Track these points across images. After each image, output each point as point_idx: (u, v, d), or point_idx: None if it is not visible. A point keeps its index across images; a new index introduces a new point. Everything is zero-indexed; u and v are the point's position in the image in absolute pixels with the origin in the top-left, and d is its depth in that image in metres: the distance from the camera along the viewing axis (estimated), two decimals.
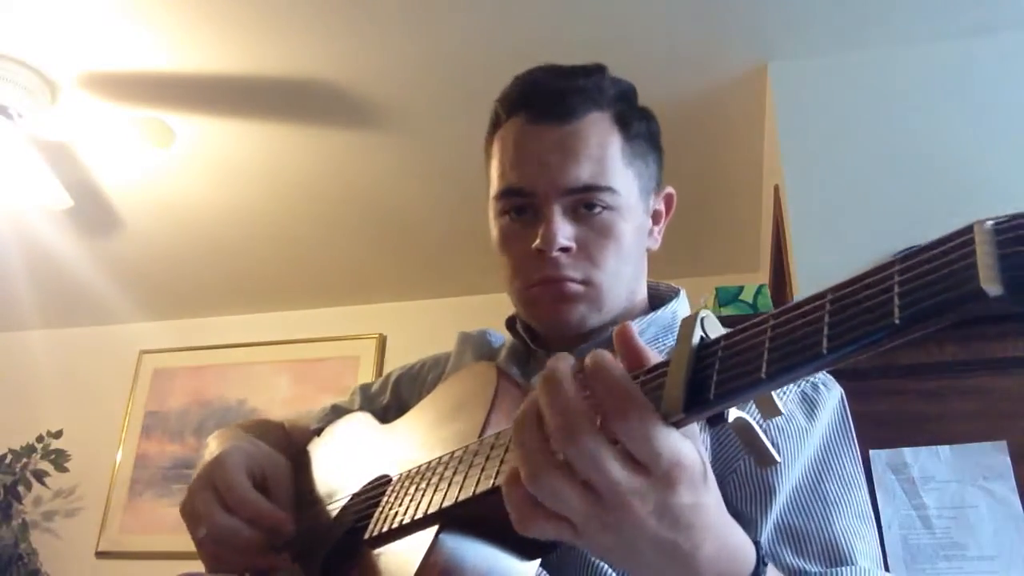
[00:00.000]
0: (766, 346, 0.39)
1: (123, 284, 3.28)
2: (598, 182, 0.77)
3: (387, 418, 0.91)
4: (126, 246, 3.00)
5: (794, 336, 0.38)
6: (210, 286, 3.31)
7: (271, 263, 3.13)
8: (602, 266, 0.78)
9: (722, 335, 0.43)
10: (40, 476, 3.12)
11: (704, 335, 0.43)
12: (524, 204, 0.80)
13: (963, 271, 0.32)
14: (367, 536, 0.65)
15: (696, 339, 0.43)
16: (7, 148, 2.15)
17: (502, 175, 0.81)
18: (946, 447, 1.44)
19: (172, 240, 2.96)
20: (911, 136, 1.91)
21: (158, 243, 2.98)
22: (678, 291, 0.90)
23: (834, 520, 0.67)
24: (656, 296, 0.90)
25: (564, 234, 0.76)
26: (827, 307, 0.37)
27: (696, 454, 0.43)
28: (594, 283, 0.78)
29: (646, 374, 0.45)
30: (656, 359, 0.45)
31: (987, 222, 0.33)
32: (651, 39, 1.98)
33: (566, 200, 0.77)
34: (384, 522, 0.63)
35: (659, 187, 0.88)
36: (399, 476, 0.68)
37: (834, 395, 0.76)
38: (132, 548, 3.12)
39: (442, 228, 2.81)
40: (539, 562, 0.57)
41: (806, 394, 0.75)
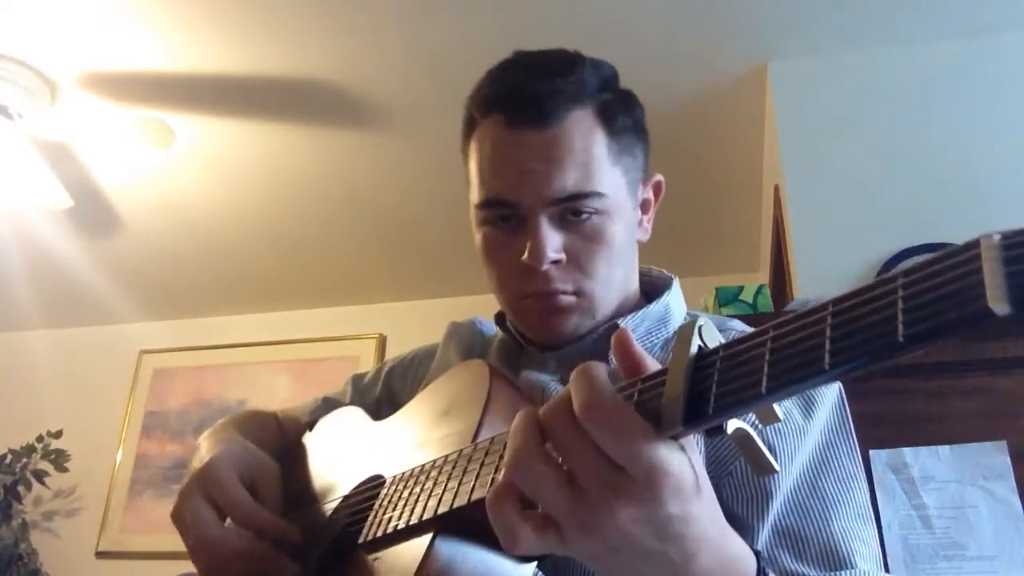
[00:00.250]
0: (766, 359, 0.38)
1: (123, 284, 3.28)
2: (585, 188, 0.74)
3: (379, 412, 0.90)
4: (126, 246, 3.00)
5: (795, 350, 0.37)
6: (210, 286, 3.31)
7: (271, 263, 3.13)
8: (593, 275, 0.76)
9: (720, 345, 0.42)
10: (40, 476, 3.12)
11: (702, 344, 0.43)
12: (508, 214, 0.76)
13: (970, 288, 0.31)
14: (361, 540, 0.65)
15: (694, 348, 0.42)
16: (7, 148, 2.15)
17: (483, 183, 0.78)
18: (946, 447, 1.44)
19: (172, 240, 2.96)
20: (911, 136, 1.91)
21: (158, 243, 2.98)
22: (671, 280, 0.88)
23: (833, 520, 0.66)
24: (649, 284, 0.89)
25: (553, 247, 0.74)
26: (828, 320, 0.37)
27: (685, 465, 0.42)
28: (586, 293, 0.77)
29: (644, 382, 0.44)
30: (654, 366, 0.45)
31: (994, 235, 0.32)
32: (651, 39, 1.98)
33: (553, 210, 0.74)
34: (378, 526, 0.63)
35: (647, 175, 0.85)
36: (392, 479, 0.67)
37: (832, 390, 0.75)
38: (132, 548, 3.12)
39: (442, 228, 2.81)
40: (535, 565, 0.56)
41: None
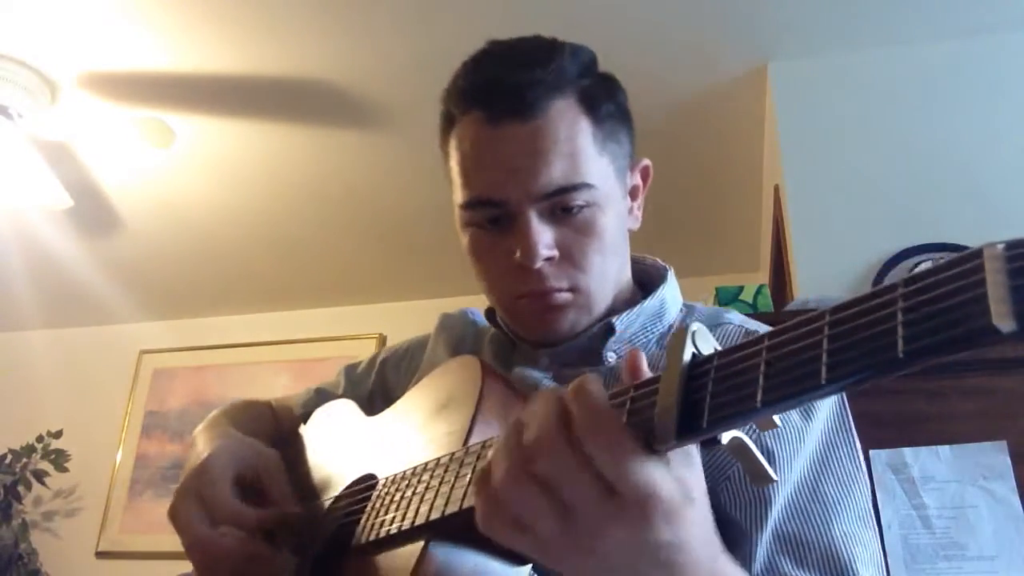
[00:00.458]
0: (761, 370, 0.37)
1: (123, 284, 3.28)
2: (573, 180, 0.71)
3: (373, 405, 0.90)
4: (126, 246, 3.00)
5: (791, 362, 0.36)
6: (210, 286, 3.31)
7: (271, 263, 3.13)
8: (588, 270, 0.74)
9: (715, 352, 0.41)
10: (40, 476, 3.12)
11: (696, 351, 0.41)
12: (496, 214, 0.74)
13: (973, 303, 0.30)
14: (355, 543, 0.65)
15: (687, 355, 0.41)
16: (7, 148, 2.15)
17: (466, 183, 0.75)
18: (946, 447, 1.44)
19: (172, 240, 2.96)
20: (911, 136, 1.91)
21: (158, 243, 2.98)
22: (666, 271, 0.85)
23: (833, 524, 0.64)
24: (643, 274, 0.87)
25: (545, 243, 0.71)
26: (826, 331, 0.35)
27: (676, 490, 0.41)
28: (581, 289, 0.74)
29: (636, 389, 0.43)
30: None
31: (998, 245, 0.30)
32: (651, 39, 1.98)
33: (541, 205, 0.72)
34: (371, 530, 0.63)
35: (633, 160, 0.82)
36: (385, 480, 0.67)
37: None
38: (132, 548, 3.12)
39: (441, 228, 2.79)
40: (531, 567, 0.56)
41: None
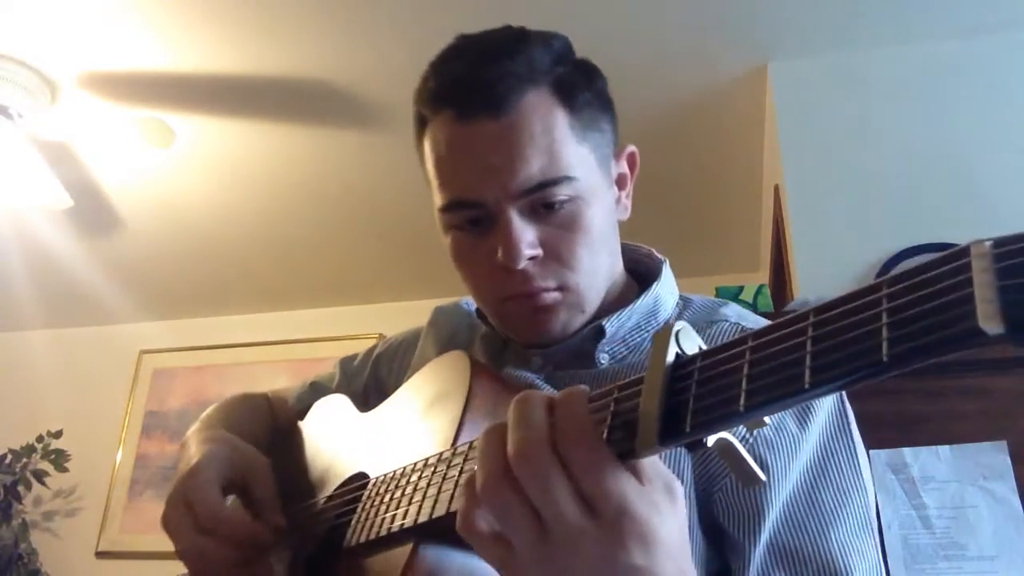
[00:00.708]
0: (744, 372, 0.36)
1: (123, 284, 3.28)
2: (553, 174, 0.68)
3: (367, 399, 0.90)
4: (126, 246, 3.00)
5: (774, 364, 0.35)
6: (210, 286, 3.31)
7: (271, 263, 3.13)
8: (575, 266, 0.71)
9: (699, 354, 0.40)
10: (40, 476, 3.12)
11: (680, 351, 0.41)
12: (476, 215, 0.71)
13: (958, 304, 0.29)
14: (346, 544, 0.65)
15: (671, 356, 0.40)
16: (7, 148, 2.15)
17: (443, 185, 0.72)
18: (946, 447, 1.44)
19: (172, 240, 2.96)
20: (911, 136, 1.91)
21: (158, 243, 2.98)
22: (661, 265, 0.82)
23: (831, 535, 0.62)
24: (638, 265, 0.84)
25: (527, 242, 0.68)
26: (809, 332, 0.34)
27: (653, 512, 0.40)
28: (570, 287, 0.71)
29: (621, 390, 0.43)
30: None
31: (985, 243, 0.29)
32: (651, 39, 1.98)
33: (521, 203, 0.69)
34: (362, 531, 0.63)
35: (617, 148, 0.79)
36: (375, 480, 0.67)
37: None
38: (132, 548, 3.12)
39: (441, 228, 2.80)
40: None
41: None
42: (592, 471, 0.40)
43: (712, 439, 0.39)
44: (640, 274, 0.83)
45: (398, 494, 0.60)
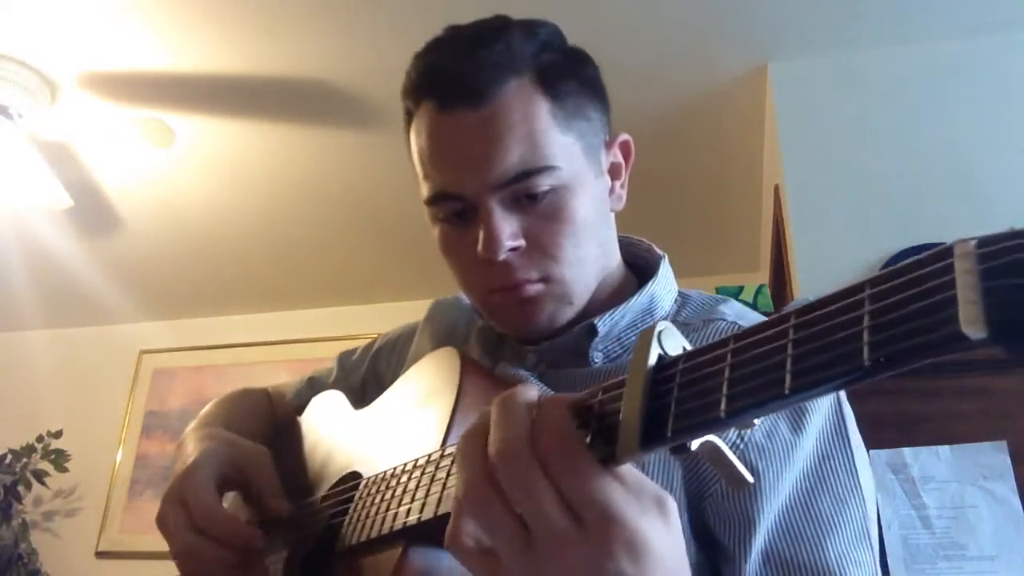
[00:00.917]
0: (725, 376, 0.35)
1: (123, 284, 3.28)
2: (533, 164, 0.67)
3: (366, 394, 0.90)
4: (126, 246, 3.00)
5: (755, 369, 0.34)
6: (210, 286, 3.31)
7: (271, 263, 3.13)
8: (560, 257, 0.69)
9: (681, 356, 0.39)
10: (40, 476, 3.12)
11: (663, 352, 0.40)
12: (459, 208, 0.70)
13: (941, 307, 0.28)
14: (339, 547, 0.65)
15: (653, 358, 0.39)
16: (7, 148, 2.15)
17: (426, 177, 0.71)
18: (946, 447, 1.44)
19: (172, 240, 2.96)
20: (911, 136, 1.91)
21: (158, 243, 2.98)
22: (660, 260, 0.80)
23: (828, 545, 0.60)
24: (637, 259, 0.82)
25: (507, 234, 0.67)
26: (791, 334, 0.33)
27: (640, 518, 0.39)
28: (554, 278, 0.70)
29: (604, 392, 0.42)
30: None
31: (969, 242, 0.28)
32: (651, 39, 1.98)
33: (502, 194, 0.67)
34: (353, 533, 0.63)
35: (609, 137, 0.77)
36: (366, 480, 0.67)
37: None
38: (132, 548, 3.12)
39: None
40: None
41: None
42: (574, 477, 0.39)
43: (696, 443, 0.38)
44: (640, 268, 0.81)
45: (388, 495, 0.60)
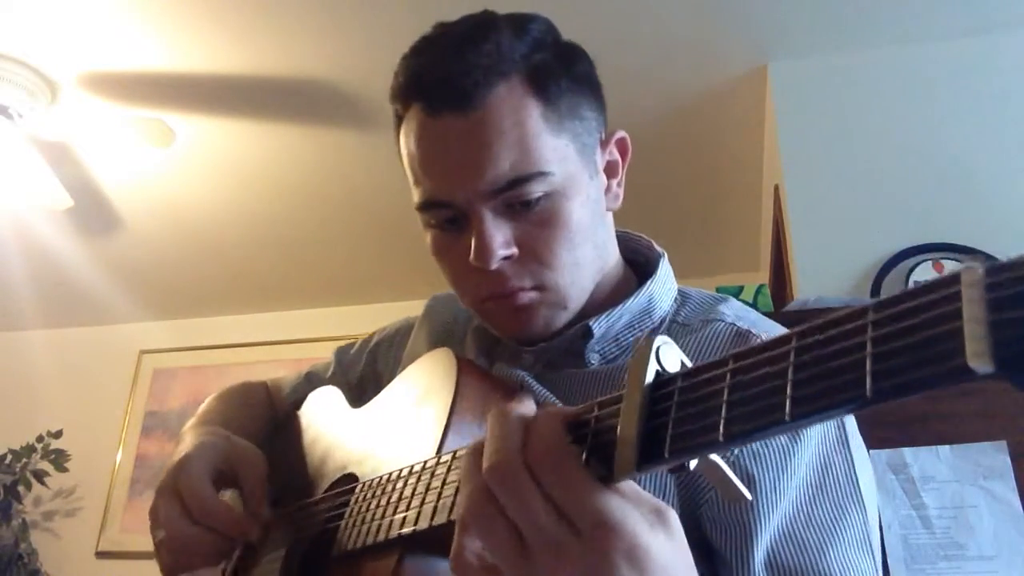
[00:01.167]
0: (724, 398, 0.35)
1: (123, 284, 3.28)
2: (525, 171, 0.65)
3: (363, 391, 0.90)
4: (126, 246, 3.00)
5: (755, 391, 0.34)
6: (210, 286, 3.31)
7: (271, 263, 3.13)
8: (554, 264, 0.67)
9: (680, 373, 0.38)
10: (40, 476, 3.12)
11: (660, 369, 0.39)
12: (450, 215, 0.68)
13: (946, 339, 0.27)
14: (335, 552, 0.65)
15: (650, 375, 0.38)
16: (7, 148, 2.15)
17: (416, 183, 0.70)
18: (946, 447, 1.44)
19: (172, 240, 2.96)
20: (911, 136, 1.91)
21: (158, 243, 2.98)
22: (659, 259, 0.78)
23: (829, 553, 0.59)
24: (636, 255, 0.81)
25: (500, 243, 0.65)
26: (791, 358, 0.32)
27: (637, 524, 0.38)
28: (549, 285, 0.68)
29: (601, 407, 0.41)
30: None
31: (977, 269, 0.27)
32: (651, 39, 1.98)
33: (494, 202, 0.66)
34: (349, 539, 0.63)
35: (605, 135, 0.74)
36: (362, 485, 0.66)
37: None
38: (132, 548, 3.12)
39: None
40: None
41: None
42: (569, 489, 0.39)
43: (693, 462, 0.38)
44: (640, 264, 0.80)
45: (384, 501, 0.60)
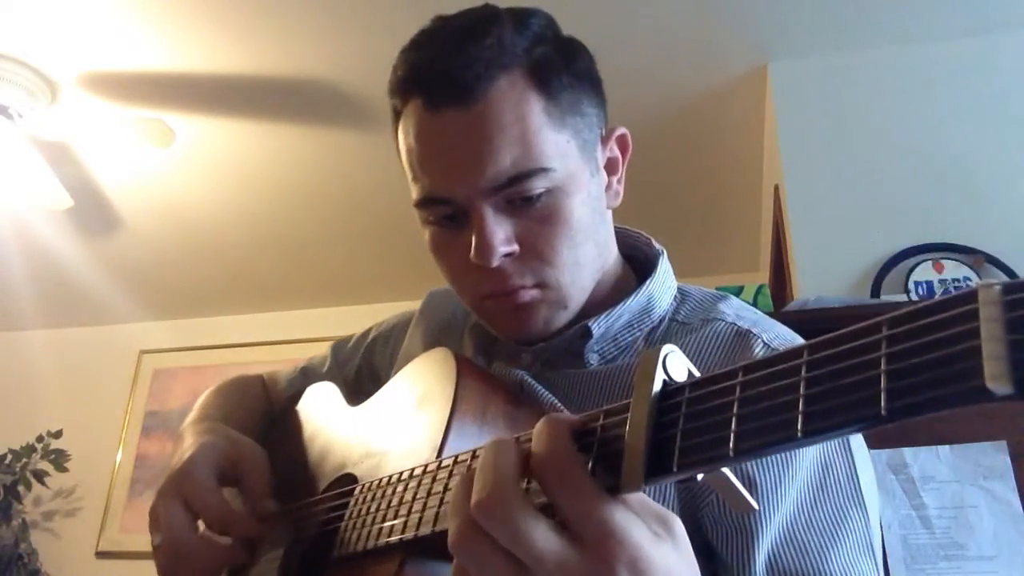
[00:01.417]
0: (734, 412, 0.34)
1: (123, 284, 3.28)
2: (527, 167, 0.63)
3: (360, 386, 0.89)
4: (126, 246, 3.00)
5: (766, 406, 0.33)
6: (210, 286, 3.31)
7: (271, 263, 3.13)
8: (555, 262, 0.66)
9: (687, 384, 0.38)
10: (40, 476, 3.12)
11: (668, 378, 0.38)
12: (450, 211, 0.67)
13: (964, 358, 0.26)
14: (335, 553, 0.65)
15: (658, 385, 0.38)
16: (7, 148, 2.15)
17: (415, 179, 0.69)
18: (946, 447, 1.44)
19: (172, 240, 2.96)
20: (911, 136, 1.91)
21: (158, 243, 2.98)
22: (658, 257, 0.77)
23: (831, 556, 0.58)
24: (635, 252, 0.80)
25: (501, 239, 0.64)
26: (803, 372, 0.32)
27: (642, 535, 0.38)
28: (550, 283, 0.67)
29: (606, 416, 0.40)
30: None
31: (994, 287, 0.26)
32: (651, 39, 1.98)
33: (495, 198, 0.65)
34: (349, 542, 0.62)
35: (605, 131, 0.73)
36: (362, 487, 0.66)
37: None
38: (132, 548, 3.12)
39: None
40: None
41: None
42: (574, 496, 0.38)
43: (701, 474, 0.37)
44: (639, 261, 0.79)
45: (384, 504, 0.59)
